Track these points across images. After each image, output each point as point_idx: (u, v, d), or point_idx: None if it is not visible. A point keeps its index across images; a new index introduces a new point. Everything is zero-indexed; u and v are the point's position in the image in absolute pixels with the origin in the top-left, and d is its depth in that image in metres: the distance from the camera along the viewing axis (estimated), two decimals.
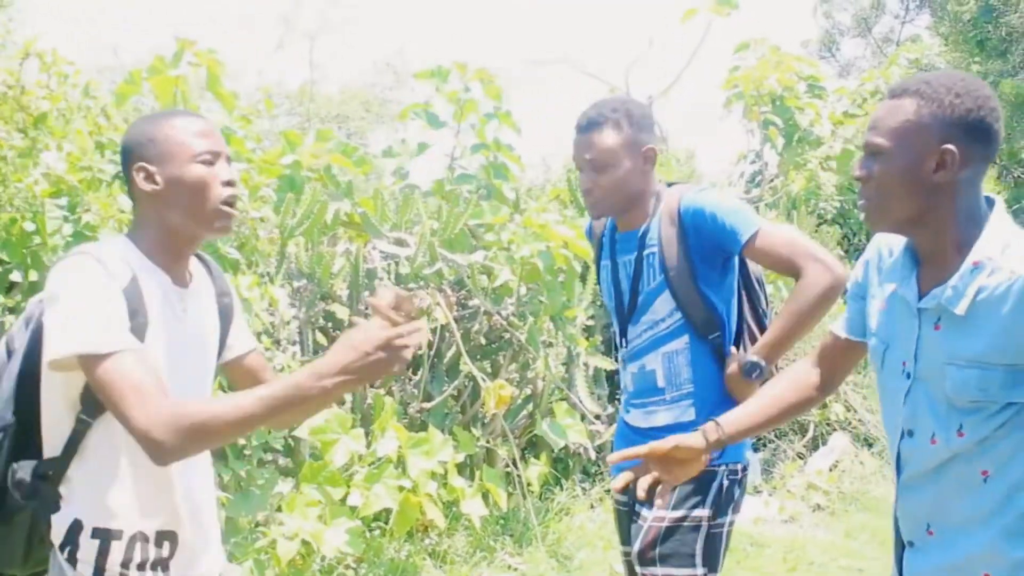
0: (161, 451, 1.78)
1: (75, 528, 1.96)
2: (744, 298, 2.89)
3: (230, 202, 2.04)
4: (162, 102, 4.00)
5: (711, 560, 2.69)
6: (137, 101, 5.12)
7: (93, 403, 1.91)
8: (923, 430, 1.93)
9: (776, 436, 7.05)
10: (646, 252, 2.77)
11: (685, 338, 2.74)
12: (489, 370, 5.51)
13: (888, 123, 1.86)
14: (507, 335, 5.46)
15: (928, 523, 1.95)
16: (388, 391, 5.07)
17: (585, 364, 5.77)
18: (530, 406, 5.77)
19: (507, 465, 5.45)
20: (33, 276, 3.66)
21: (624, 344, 2.88)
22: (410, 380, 5.29)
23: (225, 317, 2.22)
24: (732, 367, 2.74)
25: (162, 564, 2.03)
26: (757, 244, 2.63)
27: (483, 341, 5.56)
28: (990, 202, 1.91)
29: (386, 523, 4.84)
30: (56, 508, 1.98)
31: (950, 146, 1.80)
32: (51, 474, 1.98)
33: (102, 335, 1.82)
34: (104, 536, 1.97)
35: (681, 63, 7.90)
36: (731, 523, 2.75)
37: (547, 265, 5.03)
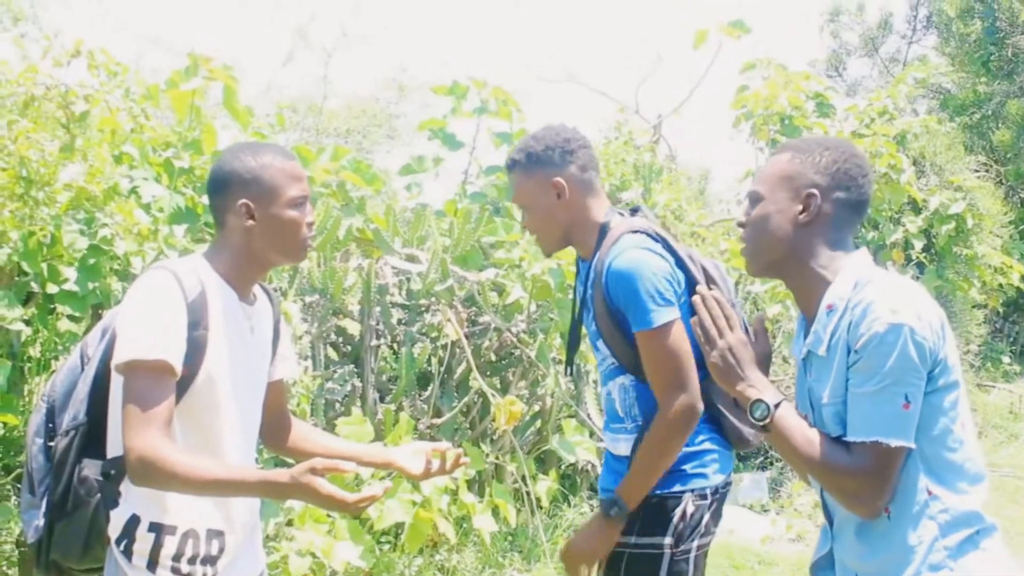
0: (129, 473, 2.00)
1: (132, 523, 2.11)
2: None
3: (311, 239, 2.26)
4: (178, 116, 4.04)
5: None
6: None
7: None
8: None
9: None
10: (589, 294, 2.71)
11: (629, 376, 2.67)
12: (499, 386, 5.53)
13: (766, 173, 2.08)
14: (517, 352, 5.48)
15: (856, 573, 2.01)
16: (399, 406, 5.09)
17: (595, 381, 5.78)
18: (538, 423, 5.79)
19: (515, 481, 5.46)
20: (51, 288, 3.68)
21: (597, 368, 2.88)
22: (420, 396, 5.31)
23: (275, 342, 2.42)
24: None
25: (210, 560, 2.18)
26: (641, 343, 2.56)
27: (493, 358, 5.59)
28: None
29: (395, 538, 4.85)
30: (115, 504, 2.12)
31: (814, 191, 2.00)
32: (113, 472, 2.12)
33: (148, 344, 2.01)
34: (159, 530, 2.12)
35: (691, 82, 7.94)
36: (700, 547, 2.68)
37: (558, 283, 5.06)
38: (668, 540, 2.60)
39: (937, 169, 9.63)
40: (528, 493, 5.35)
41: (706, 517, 2.66)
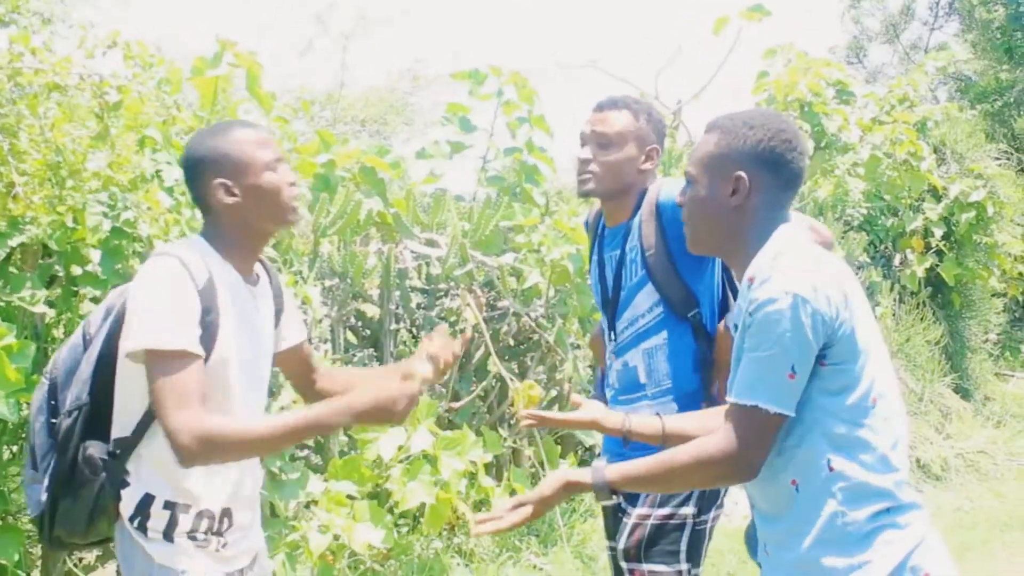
0: (184, 456, 2.01)
1: (146, 501, 2.16)
2: (729, 293, 2.89)
3: (296, 197, 2.28)
4: (203, 102, 4.07)
5: (694, 556, 2.76)
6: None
7: None
8: None
9: None
10: (629, 247, 2.83)
11: (664, 333, 2.79)
12: (516, 371, 5.55)
13: (697, 154, 2.08)
14: (535, 336, 5.51)
15: (765, 543, 2.04)
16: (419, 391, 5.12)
17: None
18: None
19: (533, 466, 5.49)
20: (75, 270, 3.72)
21: (612, 339, 2.92)
22: None
23: (278, 313, 2.44)
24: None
25: (219, 533, 2.23)
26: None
27: (511, 342, 5.61)
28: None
29: (413, 520, 4.90)
30: (125, 483, 2.17)
31: (741, 173, 1.99)
32: (119, 453, 2.17)
33: (169, 334, 2.03)
34: (173, 508, 2.17)
35: (711, 69, 7.92)
36: (715, 518, 2.81)
37: (577, 268, 5.08)
38: (691, 510, 2.69)
39: (958, 157, 9.58)
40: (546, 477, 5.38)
41: (721, 492, 2.79)
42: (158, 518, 2.15)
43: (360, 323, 5.24)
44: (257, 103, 4.28)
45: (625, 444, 2.38)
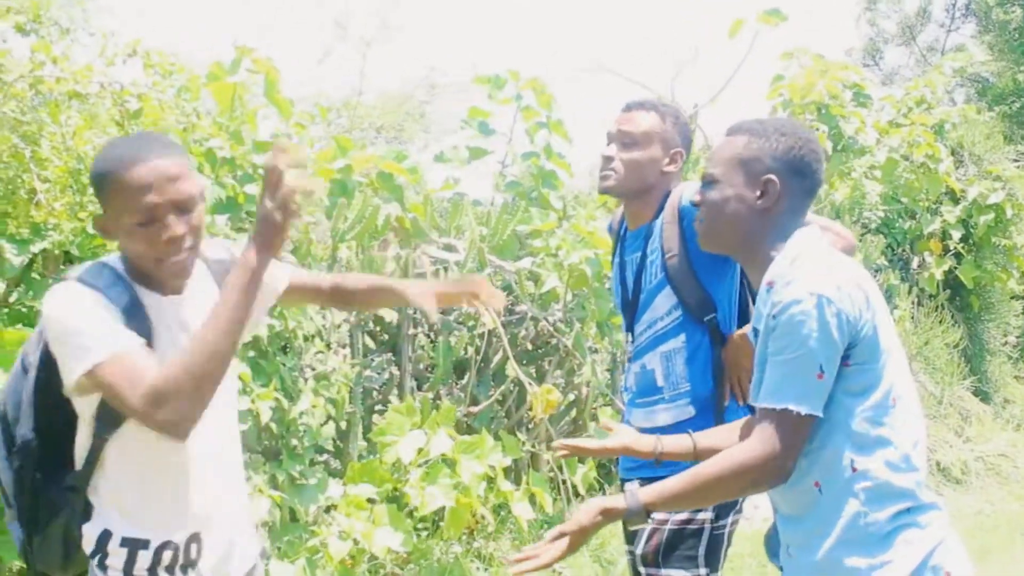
0: (165, 428, 1.83)
1: (104, 537, 2.03)
2: (749, 299, 2.88)
3: (173, 252, 1.96)
4: (221, 108, 4.10)
5: (712, 561, 2.76)
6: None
7: (107, 419, 1.97)
8: None
9: None
10: (650, 250, 2.84)
11: (682, 337, 2.79)
12: (534, 375, 5.56)
13: (722, 155, 2.09)
14: (553, 341, 5.51)
15: (787, 545, 2.04)
16: (437, 394, 5.14)
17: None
18: (574, 412, 5.82)
19: (551, 470, 5.49)
20: None
21: (630, 342, 2.93)
22: (456, 384, 5.35)
23: None
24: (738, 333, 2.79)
25: (191, 564, 2.08)
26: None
27: (529, 346, 5.62)
28: None
29: (432, 525, 4.90)
30: (87, 518, 2.05)
31: (772, 177, 2.02)
32: (78, 486, 2.04)
33: (97, 346, 1.85)
34: (131, 544, 2.03)
35: (727, 72, 7.91)
36: (734, 522, 2.81)
37: (595, 272, 5.08)
38: (709, 515, 2.70)
39: (976, 159, 9.54)
40: (564, 481, 5.39)
41: (740, 497, 2.75)
42: (116, 556, 2.03)
43: (378, 327, 5.26)
44: (276, 109, 4.31)
45: (657, 463, 2.37)
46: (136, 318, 1.94)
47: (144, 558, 2.03)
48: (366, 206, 4.91)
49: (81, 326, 1.87)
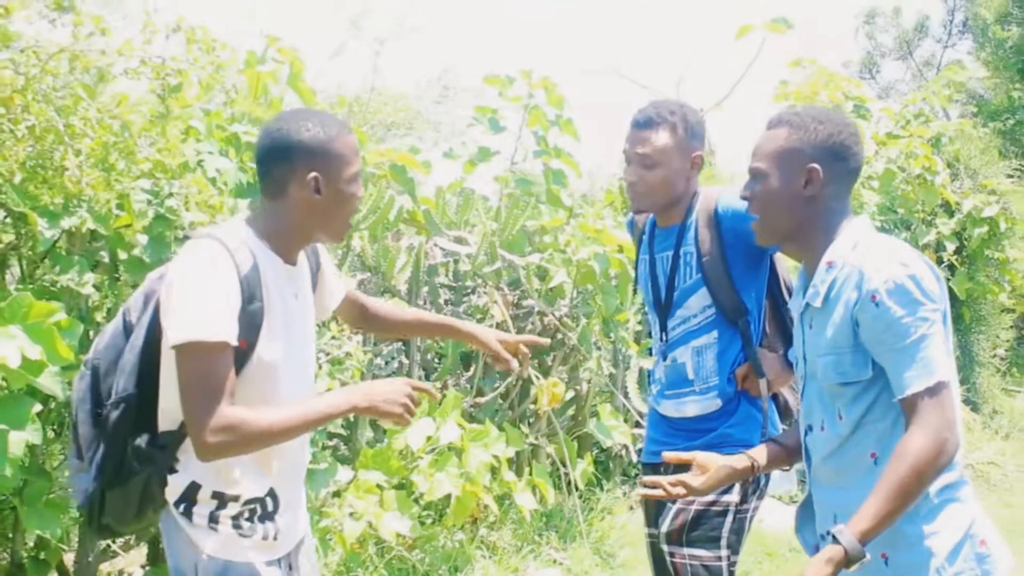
0: (204, 451, 2.02)
1: (192, 488, 2.14)
2: (768, 302, 3.03)
3: (353, 216, 2.29)
4: (251, 95, 4.17)
5: (735, 543, 2.87)
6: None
7: None
8: (816, 422, 2.18)
9: None
10: (683, 250, 2.94)
11: (714, 333, 2.92)
12: (539, 369, 5.64)
13: (765, 149, 2.18)
14: (559, 336, 5.59)
15: (835, 514, 2.12)
16: (444, 385, 5.21)
17: (637, 366, 5.89)
18: (572, 408, 5.90)
19: (553, 463, 5.57)
20: (121, 255, 3.80)
21: (663, 338, 3.02)
22: (463, 376, 5.43)
23: (314, 276, 2.43)
24: (770, 359, 2.93)
25: (269, 517, 2.22)
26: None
27: None
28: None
29: (437, 512, 4.98)
30: (173, 471, 2.15)
31: (815, 165, 2.12)
32: (168, 445, 2.14)
33: (212, 325, 2.00)
34: (221, 498, 2.15)
35: (732, 78, 8.01)
36: (755, 508, 2.92)
37: (603, 268, 5.16)
38: (735, 498, 2.79)
39: (971, 172, 9.65)
40: (567, 474, 5.47)
41: (762, 480, 2.89)
42: (204, 504, 2.15)
43: None
44: (299, 97, 4.38)
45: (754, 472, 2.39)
46: (253, 283, 2.09)
47: (233, 508, 2.16)
48: (380, 197, 4.99)
49: (199, 297, 2.01)
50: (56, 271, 3.65)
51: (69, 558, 3.98)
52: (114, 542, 4.18)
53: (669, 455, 2.39)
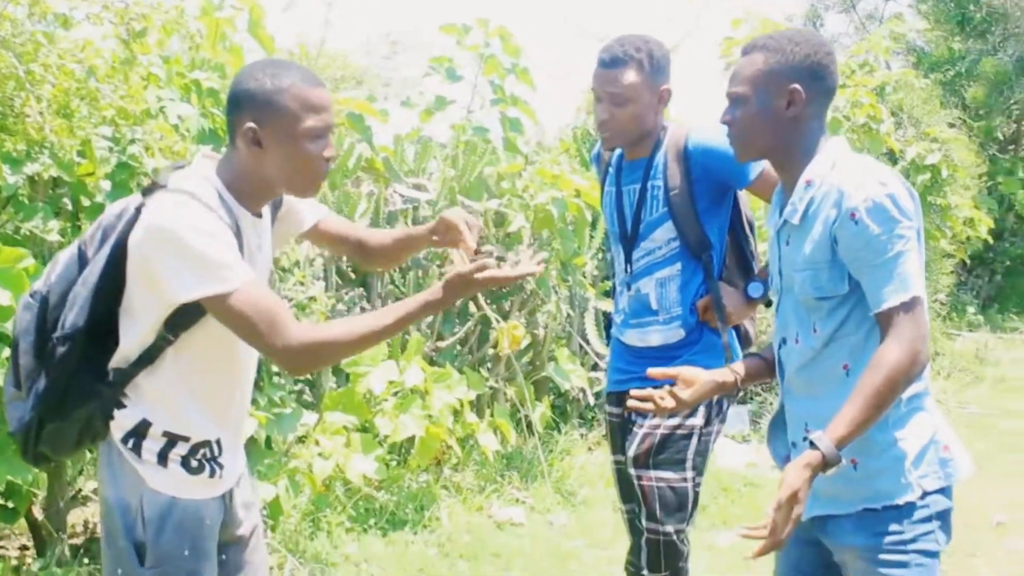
0: (297, 368, 2.13)
1: (143, 425, 2.12)
2: (729, 238, 3.12)
3: (326, 174, 2.17)
4: (209, 42, 4.16)
5: (700, 464, 3.00)
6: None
7: (180, 323, 2.07)
8: (791, 335, 2.27)
9: (762, 389, 7.33)
10: (651, 183, 3.01)
11: (677, 265, 3.00)
12: (497, 314, 5.72)
13: (744, 74, 2.21)
14: (517, 280, 5.66)
15: (806, 423, 2.22)
16: (406, 331, 5.28)
17: (595, 309, 6.00)
18: (531, 352, 6.00)
19: (513, 405, 5.68)
20: (84, 202, 3.81)
21: (627, 269, 3.11)
22: (423, 321, 5.50)
23: (274, 219, 2.36)
24: (730, 293, 3.04)
25: (215, 458, 2.21)
26: (763, 177, 2.89)
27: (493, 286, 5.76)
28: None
29: (402, 453, 5.07)
30: (121, 405, 2.13)
31: (796, 85, 2.15)
32: (116, 381, 2.13)
33: (230, 272, 1.98)
34: (172, 437, 2.14)
35: (680, 32, 8.09)
36: (718, 431, 3.05)
37: (560, 213, 5.25)
38: (699, 421, 2.90)
39: (914, 121, 9.86)
40: (526, 416, 5.58)
41: (725, 403, 3.01)
42: (153, 441, 2.12)
43: (350, 264, 5.37)
44: (259, 44, 4.38)
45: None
46: (236, 236, 2.06)
47: (182, 447, 2.14)
48: (339, 145, 5.02)
49: (207, 250, 1.96)
50: (19, 218, 3.65)
51: (38, 510, 3.99)
52: (82, 489, 4.21)
53: (654, 371, 2.45)
